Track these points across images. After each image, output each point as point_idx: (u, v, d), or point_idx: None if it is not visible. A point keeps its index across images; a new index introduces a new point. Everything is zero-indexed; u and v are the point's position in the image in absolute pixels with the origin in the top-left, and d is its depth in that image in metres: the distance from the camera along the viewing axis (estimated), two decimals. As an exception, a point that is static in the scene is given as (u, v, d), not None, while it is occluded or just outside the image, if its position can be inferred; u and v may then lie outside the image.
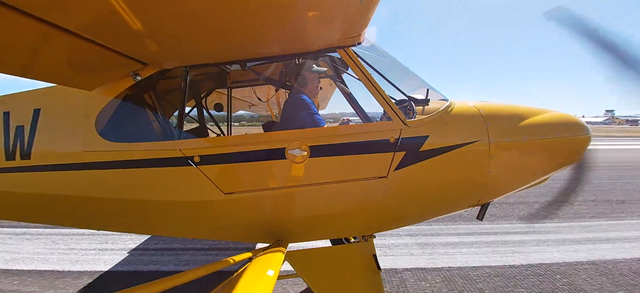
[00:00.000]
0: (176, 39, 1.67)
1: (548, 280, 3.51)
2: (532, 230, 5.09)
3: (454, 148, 2.06)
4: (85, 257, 4.33)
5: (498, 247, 4.45)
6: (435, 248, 4.41)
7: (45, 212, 2.34)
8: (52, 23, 1.31)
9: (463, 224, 5.36)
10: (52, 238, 4.99)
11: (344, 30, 1.84)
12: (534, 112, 2.31)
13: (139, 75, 2.04)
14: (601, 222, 5.55)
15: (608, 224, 5.46)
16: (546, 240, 4.72)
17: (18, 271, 3.94)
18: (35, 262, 4.16)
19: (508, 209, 6.19)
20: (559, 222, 5.46)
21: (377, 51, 2.37)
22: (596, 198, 7.06)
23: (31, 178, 2.12)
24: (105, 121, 2.09)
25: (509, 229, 5.19)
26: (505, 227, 5.28)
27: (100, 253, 4.46)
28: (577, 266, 3.87)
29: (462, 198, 2.28)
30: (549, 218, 5.59)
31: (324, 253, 2.43)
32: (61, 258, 4.30)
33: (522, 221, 5.57)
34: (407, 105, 2.24)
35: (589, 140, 2.36)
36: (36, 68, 1.73)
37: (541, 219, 5.73)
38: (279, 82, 2.83)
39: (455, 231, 5.09)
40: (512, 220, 5.65)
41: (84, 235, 5.07)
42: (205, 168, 1.97)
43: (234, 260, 2.03)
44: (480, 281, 3.49)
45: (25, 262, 4.18)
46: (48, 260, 4.24)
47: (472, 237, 4.83)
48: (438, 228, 5.17)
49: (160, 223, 2.32)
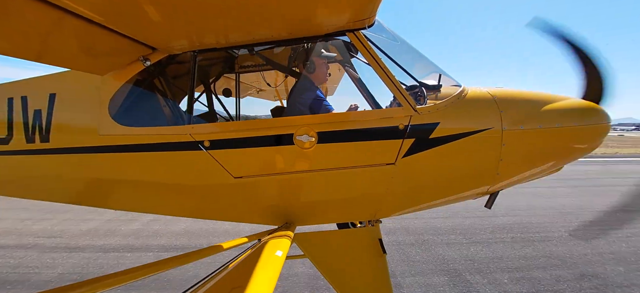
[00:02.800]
0: (184, 20, 1.66)
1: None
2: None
3: (465, 135, 2.01)
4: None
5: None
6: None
7: (63, 192, 2.46)
8: (64, 8, 1.32)
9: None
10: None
11: (354, 12, 1.78)
12: (550, 98, 2.21)
13: (148, 60, 2.06)
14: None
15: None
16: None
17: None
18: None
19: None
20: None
21: (388, 34, 2.29)
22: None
23: (51, 160, 2.21)
24: (117, 106, 2.13)
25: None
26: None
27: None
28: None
29: (471, 187, 2.26)
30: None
31: (330, 237, 2.48)
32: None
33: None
34: (417, 91, 2.19)
35: (608, 129, 2.26)
36: (50, 53, 1.77)
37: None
38: (287, 67, 2.80)
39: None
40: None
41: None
42: (215, 152, 2.00)
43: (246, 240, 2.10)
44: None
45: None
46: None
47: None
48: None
49: (172, 204, 2.40)
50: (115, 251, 5.27)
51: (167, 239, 5.77)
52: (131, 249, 5.37)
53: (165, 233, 6.04)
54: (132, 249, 5.36)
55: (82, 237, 5.89)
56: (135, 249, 5.36)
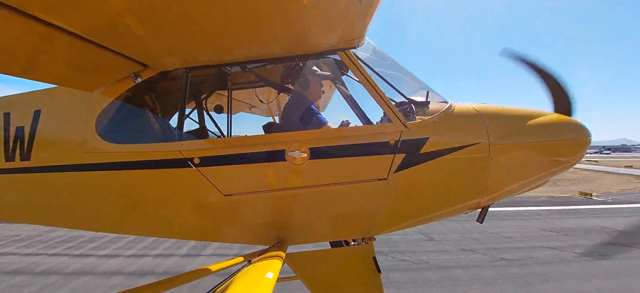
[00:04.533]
0: (176, 38, 1.68)
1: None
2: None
3: (454, 150, 2.05)
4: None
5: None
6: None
7: (44, 213, 2.33)
8: (53, 24, 1.31)
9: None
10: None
11: (344, 33, 1.85)
12: (533, 114, 2.31)
13: (139, 76, 2.05)
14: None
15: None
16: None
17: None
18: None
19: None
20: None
21: (377, 53, 2.37)
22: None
23: (31, 179, 2.12)
24: (105, 123, 2.09)
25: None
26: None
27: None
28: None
29: (462, 201, 2.27)
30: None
31: (323, 256, 2.41)
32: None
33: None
34: (407, 107, 2.24)
35: (588, 142, 2.35)
36: (37, 69, 1.74)
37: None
38: (280, 84, 2.84)
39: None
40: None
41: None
42: (205, 169, 1.96)
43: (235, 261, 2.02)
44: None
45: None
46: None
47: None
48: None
49: (160, 224, 2.31)
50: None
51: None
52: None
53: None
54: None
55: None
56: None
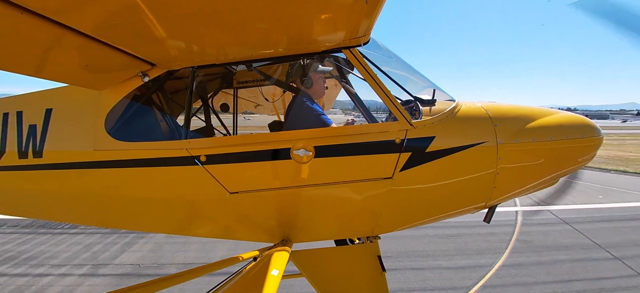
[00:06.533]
0: (184, 36, 1.69)
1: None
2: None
3: (461, 149, 2.03)
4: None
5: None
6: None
7: (55, 210, 2.39)
8: (64, 25, 1.34)
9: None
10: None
11: (349, 31, 1.84)
12: (543, 113, 2.26)
13: (147, 75, 2.08)
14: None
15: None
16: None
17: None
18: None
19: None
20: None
21: (383, 51, 2.35)
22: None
23: (43, 176, 2.17)
24: (114, 121, 2.12)
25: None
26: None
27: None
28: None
29: (468, 201, 2.25)
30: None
31: (328, 254, 2.42)
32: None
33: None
34: (413, 106, 2.22)
35: (600, 142, 2.30)
36: (48, 69, 1.78)
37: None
38: (285, 83, 2.84)
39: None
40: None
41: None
42: (211, 167, 1.98)
43: (241, 258, 2.04)
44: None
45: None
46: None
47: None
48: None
49: (167, 221, 2.34)
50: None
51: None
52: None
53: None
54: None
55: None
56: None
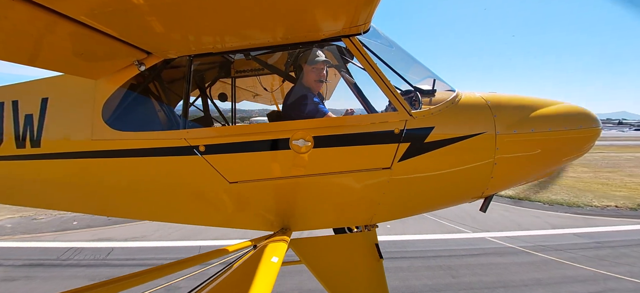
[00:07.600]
0: (180, 24, 1.65)
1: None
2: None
3: (460, 140, 2.03)
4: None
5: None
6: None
7: (54, 198, 2.40)
8: (57, 11, 1.31)
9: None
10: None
11: (349, 19, 1.80)
12: (542, 103, 2.25)
13: (143, 64, 2.04)
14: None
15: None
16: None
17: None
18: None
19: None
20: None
21: (383, 40, 2.32)
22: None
23: (41, 165, 2.17)
24: (111, 110, 2.11)
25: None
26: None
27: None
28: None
29: (466, 191, 2.27)
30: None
31: (327, 242, 2.46)
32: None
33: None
34: (412, 96, 2.21)
35: (598, 132, 2.31)
36: (42, 57, 1.75)
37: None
38: (283, 72, 2.81)
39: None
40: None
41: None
42: (210, 157, 1.98)
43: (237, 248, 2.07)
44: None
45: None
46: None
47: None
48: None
49: (166, 210, 2.36)
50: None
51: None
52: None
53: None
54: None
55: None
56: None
